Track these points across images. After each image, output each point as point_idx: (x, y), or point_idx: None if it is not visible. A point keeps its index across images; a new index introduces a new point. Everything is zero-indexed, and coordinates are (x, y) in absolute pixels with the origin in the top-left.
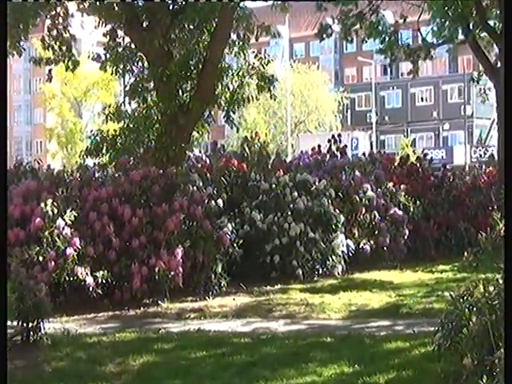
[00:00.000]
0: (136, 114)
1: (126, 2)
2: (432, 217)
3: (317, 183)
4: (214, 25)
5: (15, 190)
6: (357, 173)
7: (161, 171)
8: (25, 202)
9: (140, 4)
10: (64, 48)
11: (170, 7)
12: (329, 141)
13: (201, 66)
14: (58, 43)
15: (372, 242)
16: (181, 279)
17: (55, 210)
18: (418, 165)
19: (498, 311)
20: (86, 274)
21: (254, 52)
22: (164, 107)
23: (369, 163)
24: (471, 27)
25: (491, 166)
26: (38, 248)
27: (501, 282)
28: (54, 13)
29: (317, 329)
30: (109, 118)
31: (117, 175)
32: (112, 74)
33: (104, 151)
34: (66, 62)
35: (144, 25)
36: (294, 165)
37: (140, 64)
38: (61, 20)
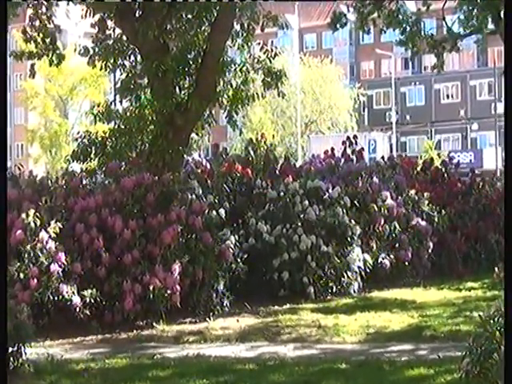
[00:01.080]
0: (128, 113)
1: None
2: (459, 228)
3: (330, 191)
4: (215, 14)
5: None
6: (375, 179)
7: (156, 178)
8: None
9: None
10: (48, 40)
11: None
12: (343, 143)
13: (200, 61)
14: (41, 35)
15: (392, 256)
16: (178, 298)
17: (38, 222)
18: (443, 170)
19: None
20: (73, 292)
21: (259, 44)
22: (159, 106)
23: (388, 168)
24: (502, 15)
25: None
26: (18, 264)
27: None
28: (36, 1)
29: (330, 354)
30: (98, 118)
31: (107, 182)
32: (101, 69)
33: (92, 155)
34: (50, 55)
35: (137, 14)
36: (305, 170)
37: (132, 58)
38: (44, 9)
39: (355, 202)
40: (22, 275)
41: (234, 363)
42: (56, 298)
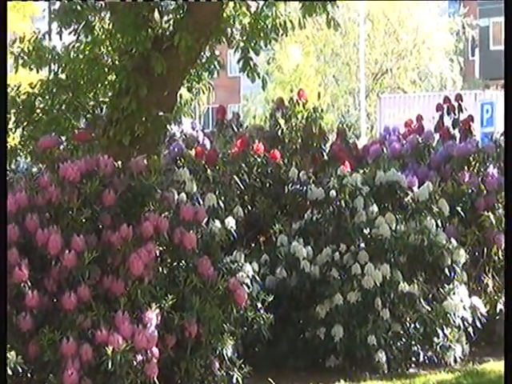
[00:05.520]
0: (72, 54)
1: None
2: None
3: (415, 189)
4: None
5: None
6: (491, 169)
7: (119, 163)
8: None
9: None
10: None
11: None
12: (439, 108)
13: None
14: None
15: None
16: (156, 368)
17: None
18: None
19: None
20: None
21: None
22: (126, 42)
23: None
24: None
25: None
26: None
27: None
28: None
29: None
30: (21, 61)
31: (35, 170)
32: None
33: (11, 125)
34: None
35: None
36: (373, 153)
37: None
38: None
39: (458, 208)
40: None
41: None
42: None
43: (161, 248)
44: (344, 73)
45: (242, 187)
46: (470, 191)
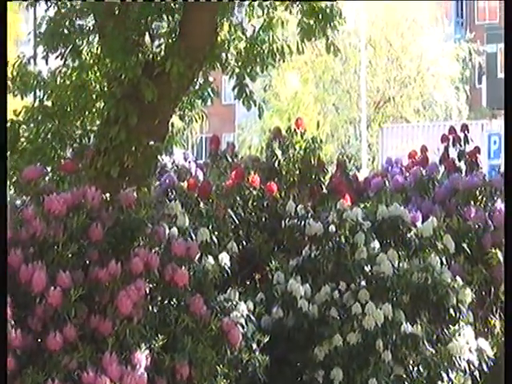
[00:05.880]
0: (59, 80)
1: None
2: None
3: (419, 224)
4: None
5: None
6: (499, 204)
7: (107, 195)
8: None
9: None
10: None
11: None
12: (444, 139)
13: None
14: None
15: None
16: None
17: None
18: None
19: None
20: None
21: None
22: (115, 68)
23: None
24: None
25: None
26: None
27: None
28: None
29: None
30: (5, 87)
31: (19, 202)
32: None
33: None
34: None
35: None
36: (374, 186)
37: None
38: None
39: (464, 245)
40: None
41: None
42: None
43: (151, 285)
44: (344, 101)
45: (237, 221)
46: (476, 227)
